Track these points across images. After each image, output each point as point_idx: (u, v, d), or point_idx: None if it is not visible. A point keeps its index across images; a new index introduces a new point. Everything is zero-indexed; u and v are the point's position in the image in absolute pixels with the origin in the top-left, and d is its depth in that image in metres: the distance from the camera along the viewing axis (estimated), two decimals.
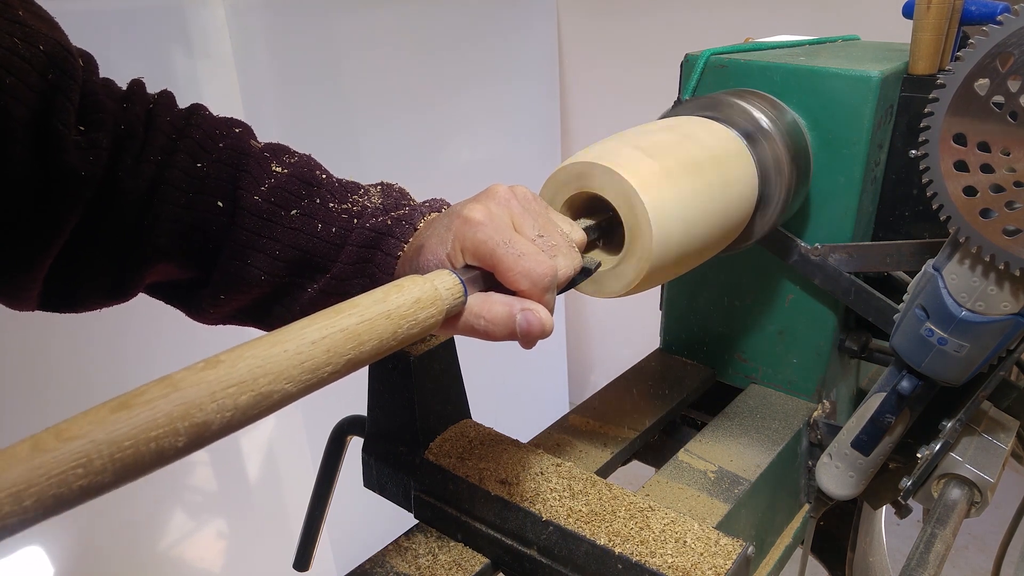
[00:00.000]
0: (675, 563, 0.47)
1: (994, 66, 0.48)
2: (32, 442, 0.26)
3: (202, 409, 0.30)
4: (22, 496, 0.25)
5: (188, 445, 0.29)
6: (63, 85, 0.46)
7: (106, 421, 0.27)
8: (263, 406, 0.32)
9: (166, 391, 0.29)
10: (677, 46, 0.75)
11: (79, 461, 0.26)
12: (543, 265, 0.42)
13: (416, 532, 0.58)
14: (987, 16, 0.67)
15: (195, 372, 0.30)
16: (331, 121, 1.45)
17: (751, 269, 0.75)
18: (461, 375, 0.61)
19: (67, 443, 0.26)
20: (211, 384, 0.30)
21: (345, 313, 0.36)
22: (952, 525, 0.61)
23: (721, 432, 0.70)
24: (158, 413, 0.28)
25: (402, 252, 0.51)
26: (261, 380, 0.32)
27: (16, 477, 0.25)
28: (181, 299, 0.57)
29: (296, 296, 0.54)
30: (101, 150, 0.49)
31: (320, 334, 0.34)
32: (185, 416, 0.29)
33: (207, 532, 1.44)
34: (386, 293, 0.38)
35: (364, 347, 0.36)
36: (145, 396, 0.29)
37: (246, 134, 0.56)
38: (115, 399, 0.28)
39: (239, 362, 0.32)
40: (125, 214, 0.51)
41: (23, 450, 0.26)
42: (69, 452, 0.26)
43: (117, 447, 0.27)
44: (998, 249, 0.52)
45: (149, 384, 0.29)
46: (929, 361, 0.59)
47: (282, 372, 0.32)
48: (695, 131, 0.59)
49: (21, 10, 0.46)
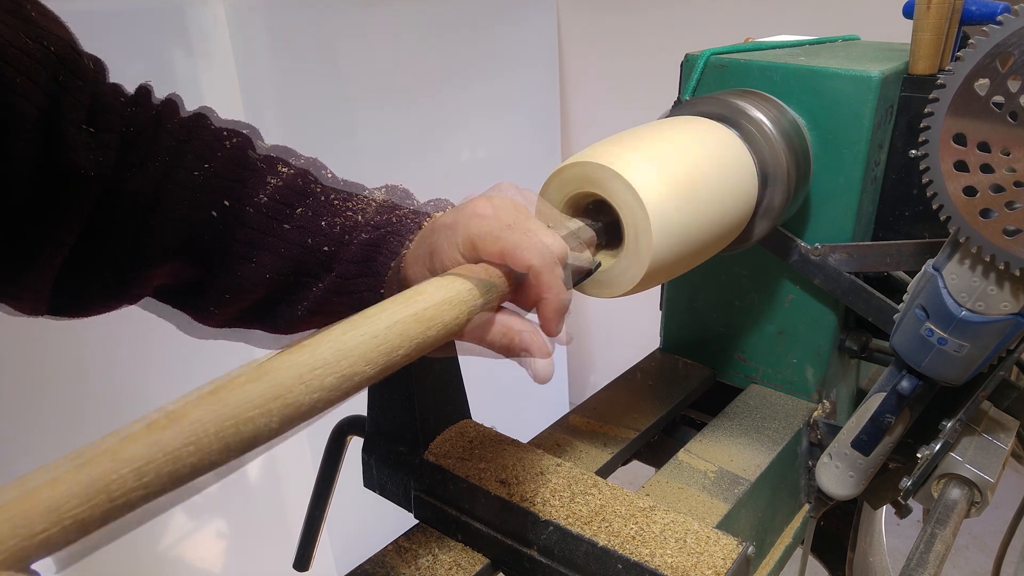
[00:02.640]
0: (675, 563, 0.47)
1: (994, 66, 0.48)
2: (146, 423, 0.28)
3: (292, 390, 0.31)
4: (143, 471, 0.26)
5: (283, 424, 0.31)
6: (72, 85, 0.46)
7: (208, 402, 0.29)
8: (346, 387, 0.34)
9: (258, 374, 0.31)
10: (677, 45, 0.75)
11: (191, 439, 0.28)
12: (550, 236, 0.43)
13: (416, 532, 0.58)
14: (987, 16, 0.67)
15: (283, 356, 0.32)
16: (331, 120, 1.45)
17: (751, 269, 0.75)
18: (461, 375, 0.61)
19: (178, 422, 0.28)
20: (299, 367, 0.32)
21: (412, 300, 0.38)
22: (952, 525, 0.61)
23: (721, 432, 0.70)
24: (252, 394, 0.30)
25: (407, 249, 0.51)
26: (343, 362, 0.33)
27: (136, 453, 0.27)
28: (187, 302, 0.57)
29: (302, 295, 0.54)
30: (109, 151, 0.49)
31: (393, 319, 0.36)
32: (277, 396, 0.31)
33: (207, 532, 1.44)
34: (449, 280, 0.41)
35: (431, 331, 0.38)
36: (240, 379, 0.31)
37: (252, 136, 0.56)
38: (210, 383, 0.30)
39: (321, 346, 0.33)
40: (132, 215, 0.51)
41: (139, 430, 0.27)
42: (181, 431, 0.28)
43: (220, 426, 0.29)
44: (998, 249, 0.52)
45: (239, 369, 0.31)
46: (929, 361, 0.59)
47: (362, 355, 0.34)
48: (697, 132, 0.59)
49: (32, 11, 0.46)
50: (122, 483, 0.26)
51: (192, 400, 0.29)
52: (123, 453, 0.26)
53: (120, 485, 0.26)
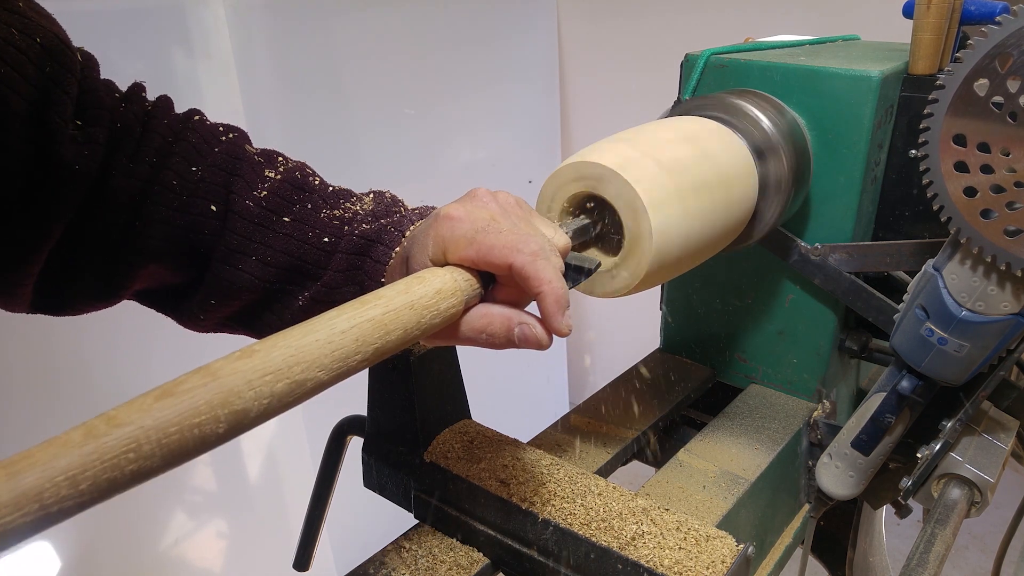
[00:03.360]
0: (675, 563, 0.47)
1: (993, 67, 0.48)
2: (85, 429, 0.27)
3: (240, 396, 0.31)
4: (78, 480, 0.26)
5: (229, 431, 0.30)
6: (60, 78, 0.46)
7: (152, 408, 0.28)
8: (297, 394, 0.33)
9: (205, 380, 0.30)
10: (677, 46, 0.75)
11: (130, 446, 0.27)
12: (528, 235, 0.41)
13: (416, 532, 0.58)
14: (987, 16, 0.67)
15: (232, 361, 0.31)
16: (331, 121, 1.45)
17: (751, 269, 0.75)
18: (461, 375, 0.61)
19: (118, 429, 0.27)
20: (247, 373, 0.31)
21: (371, 304, 0.37)
22: (952, 525, 0.61)
23: (721, 432, 0.70)
24: (199, 400, 0.29)
25: (392, 259, 0.51)
26: (295, 368, 0.33)
27: (72, 462, 0.26)
28: (172, 305, 0.57)
29: (287, 304, 0.54)
30: (97, 145, 0.49)
31: (349, 323, 0.36)
32: (225, 403, 0.30)
33: (207, 532, 1.44)
34: (408, 284, 0.40)
35: (390, 336, 0.37)
36: (186, 385, 0.30)
37: (241, 139, 0.56)
38: (157, 388, 0.29)
39: (273, 351, 0.33)
40: (117, 214, 0.51)
41: (77, 436, 0.27)
42: (120, 438, 0.27)
43: (164, 432, 0.28)
44: (1000, 250, 0.52)
45: (189, 374, 0.30)
46: (929, 361, 0.59)
47: (315, 360, 0.34)
48: (698, 133, 0.59)
49: (20, 2, 0.46)
50: (56, 492, 0.25)
51: (135, 405, 0.28)
52: (58, 461, 0.26)
53: (54, 494, 0.25)
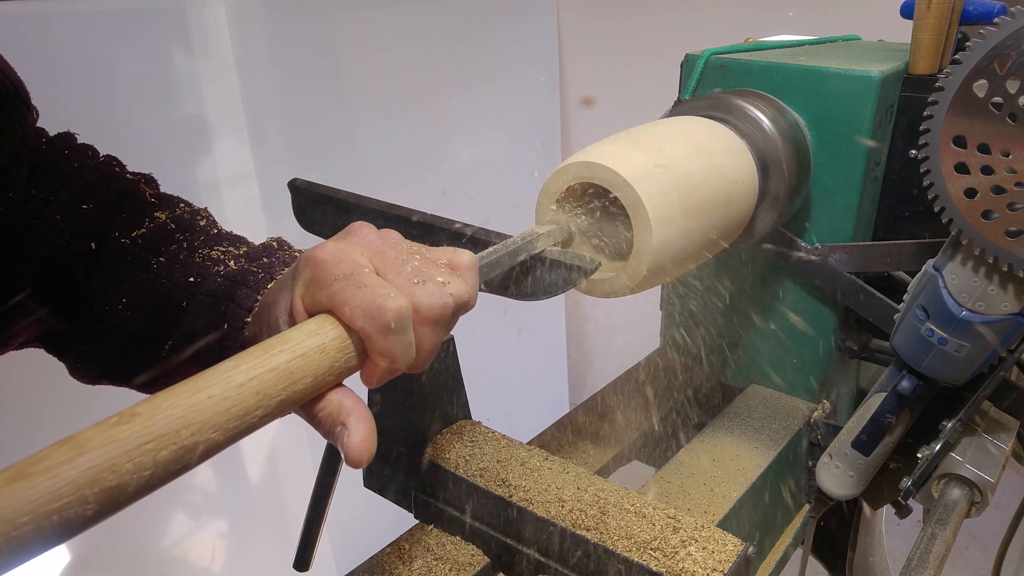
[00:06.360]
0: (675, 563, 0.47)
1: (992, 68, 0.47)
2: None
3: (115, 471, 0.26)
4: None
5: (100, 512, 0.26)
6: None
7: (1, 495, 0.24)
8: (187, 460, 0.29)
9: (71, 455, 0.26)
10: (677, 46, 0.75)
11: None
12: (386, 299, 0.35)
13: (416, 532, 0.58)
14: (986, 17, 0.67)
15: (106, 429, 0.27)
16: (331, 121, 1.45)
17: (751, 269, 0.75)
18: (461, 375, 0.61)
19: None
20: (125, 442, 0.27)
21: (276, 350, 0.33)
22: (952, 525, 0.61)
23: (721, 432, 0.70)
24: (61, 482, 0.25)
25: (256, 305, 0.46)
26: (183, 432, 0.28)
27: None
28: (59, 353, 0.54)
29: (155, 353, 0.49)
30: None
31: (248, 375, 0.31)
32: (94, 482, 0.26)
33: (207, 532, 1.44)
34: (319, 324, 0.35)
35: (298, 385, 0.33)
36: (46, 463, 0.25)
37: (146, 183, 0.53)
38: (11, 467, 0.25)
39: (157, 413, 0.28)
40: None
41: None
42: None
43: (12, 525, 0.24)
44: (1001, 251, 0.52)
45: (51, 448, 0.26)
46: (929, 361, 0.59)
47: (207, 421, 0.29)
48: (697, 132, 0.59)
49: None
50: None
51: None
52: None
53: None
